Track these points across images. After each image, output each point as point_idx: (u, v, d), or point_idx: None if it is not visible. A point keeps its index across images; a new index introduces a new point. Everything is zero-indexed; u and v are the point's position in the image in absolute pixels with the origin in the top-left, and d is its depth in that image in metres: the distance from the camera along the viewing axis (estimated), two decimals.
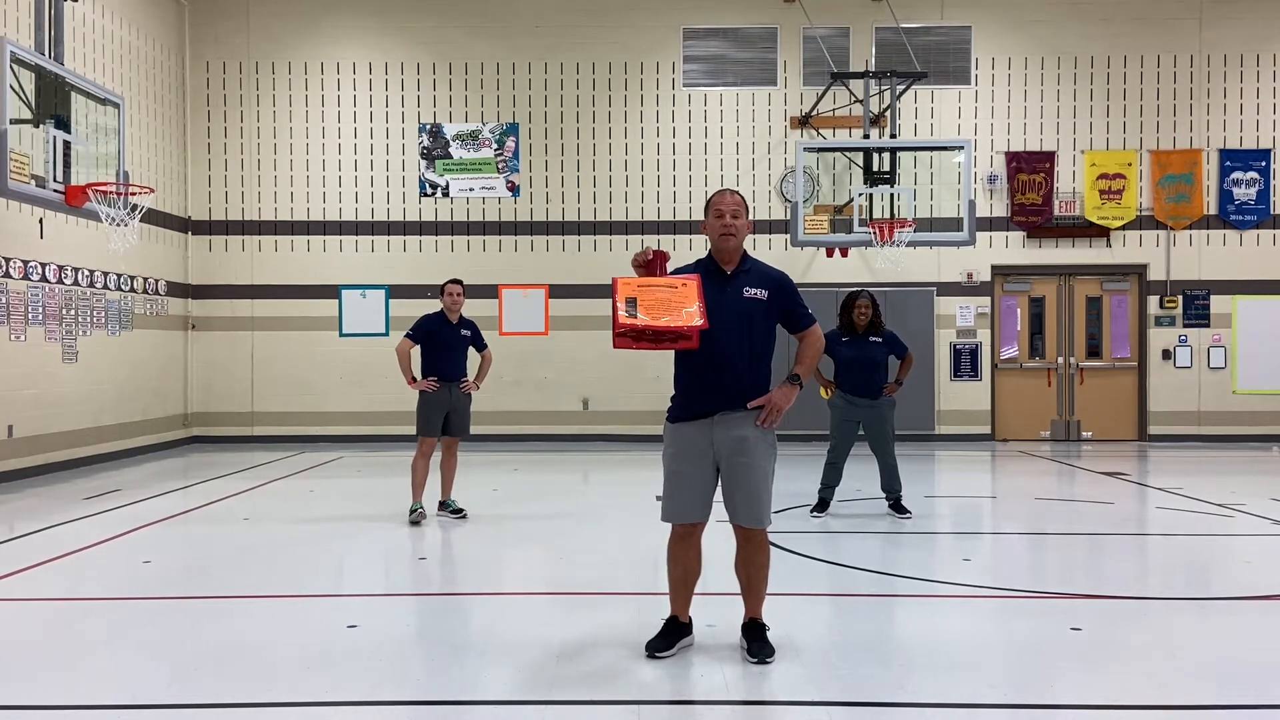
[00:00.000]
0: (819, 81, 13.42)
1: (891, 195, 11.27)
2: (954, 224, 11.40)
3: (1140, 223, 13.90)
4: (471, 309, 7.74)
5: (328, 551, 6.58)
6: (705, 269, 4.21)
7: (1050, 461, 11.73)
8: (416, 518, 7.32)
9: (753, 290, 4.13)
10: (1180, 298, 13.86)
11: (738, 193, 4.28)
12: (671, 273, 4.09)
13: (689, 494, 4.15)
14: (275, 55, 13.83)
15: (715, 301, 4.02)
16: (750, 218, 4.30)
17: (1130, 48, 13.88)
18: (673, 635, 4.24)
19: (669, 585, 4.31)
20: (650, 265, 4.01)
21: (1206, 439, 13.72)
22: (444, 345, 7.53)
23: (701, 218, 4.32)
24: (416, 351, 7.54)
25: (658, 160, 13.86)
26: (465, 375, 7.66)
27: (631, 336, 3.88)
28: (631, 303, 3.85)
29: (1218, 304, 13.85)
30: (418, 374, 7.56)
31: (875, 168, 11.23)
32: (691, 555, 4.27)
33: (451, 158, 13.87)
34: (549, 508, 8.33)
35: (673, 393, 4.24)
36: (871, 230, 10.88)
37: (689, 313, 3.85)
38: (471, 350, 7.76)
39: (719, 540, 4.47)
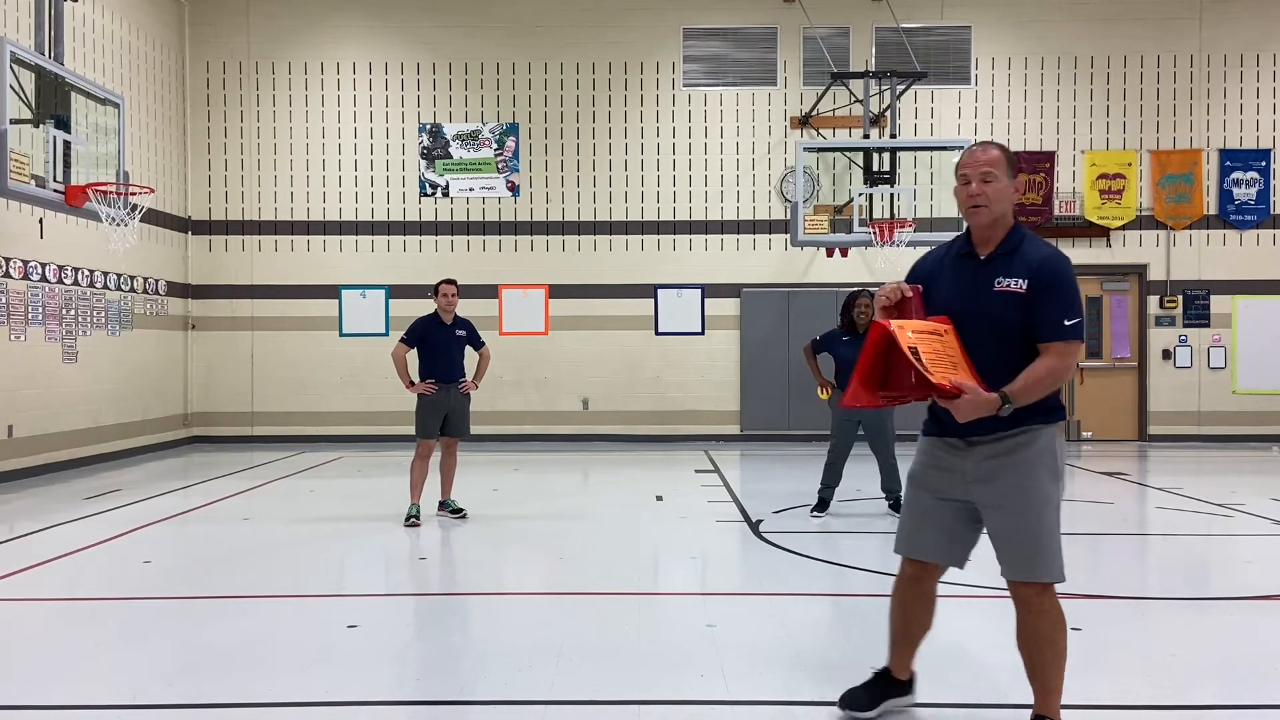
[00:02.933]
0: (819, 81, 13.42)
1: (891, 195, 11.27)
2: (954, 224, 11.37)
3: (1140, 223, 13.90)
4: (472, 309, 7.77)
5: (328, 551, 6.58)
6: (958, 251, 3.25)
7: None
8: (413, 522, 7.29)
9: (1006, 281, 3.07)
10: (1180, 298, 13.86)
11: (993, 146, 3.15)
12: (918, 261, 3.42)
13: (924, 524, 3.34)
14: (275, 55, 13.84)
15: (959, 297, 3.15)
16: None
17: (1130, 48, 13.88)
18: (876, 691, 3.51)
19: (888, 633, 3.55)
20: (903, 306, 3.20)
21: (1206, 439, 13.72)
22: (439, 346, 7.51)
23: (702, 218, 4.25)
24: (414, 354, 7.55)
25: (658, 160, 13.85)
26: (463, 375, 7.64)
27: (889, 399, 3.16)
28: (916, 354, 2.98)
29: (1218, 304, 13.85)
30: (415, 377, 7.56)
31: (875, 168, 11.23)
32: (920, 604, 3.44)
33: (451, 158, 13.87)
34: (549, 508, 8.33)
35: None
36: (871, 230, 10.87)
37: (964, 374, 3.07)
38: (470, 349, 7.75)
39: (718, 540, 4.46)
